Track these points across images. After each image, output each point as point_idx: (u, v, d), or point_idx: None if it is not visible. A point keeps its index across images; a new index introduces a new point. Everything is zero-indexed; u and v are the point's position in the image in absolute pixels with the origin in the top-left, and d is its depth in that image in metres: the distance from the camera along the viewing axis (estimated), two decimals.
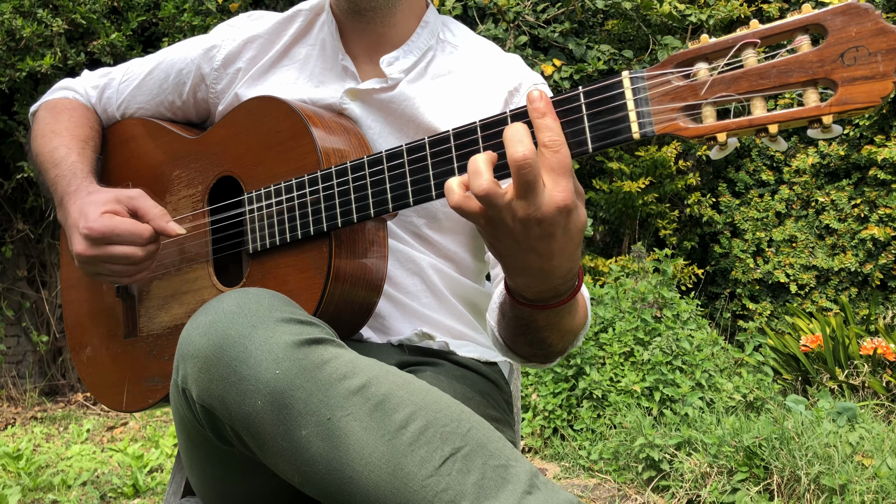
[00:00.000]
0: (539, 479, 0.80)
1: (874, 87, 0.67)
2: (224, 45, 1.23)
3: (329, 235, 0.99)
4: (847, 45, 0.68)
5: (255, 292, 0.86)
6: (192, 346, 0.82)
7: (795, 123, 0.71)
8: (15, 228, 4.37)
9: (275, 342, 0.80)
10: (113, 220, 1.06)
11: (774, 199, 4.87)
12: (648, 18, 4.63)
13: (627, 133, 0.77)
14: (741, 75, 0.72)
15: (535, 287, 0.85)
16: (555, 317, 0.92)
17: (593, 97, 0.78)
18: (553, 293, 0.87)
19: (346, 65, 1.18)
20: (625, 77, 0.77)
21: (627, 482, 2.78)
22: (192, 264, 1.15)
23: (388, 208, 0.94)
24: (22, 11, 3.70)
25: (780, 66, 0.70)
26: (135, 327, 1.22)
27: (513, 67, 1.21)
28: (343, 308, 1.02)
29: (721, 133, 0.73)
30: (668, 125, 0.75)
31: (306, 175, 1.01)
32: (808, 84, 0.70)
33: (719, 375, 3.28)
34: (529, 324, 0.94)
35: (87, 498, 2.69)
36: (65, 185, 1.17)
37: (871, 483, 2.30)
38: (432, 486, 0.76)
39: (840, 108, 0.68)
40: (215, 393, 0.80)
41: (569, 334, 0.99)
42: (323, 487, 0.79)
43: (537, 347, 1.00)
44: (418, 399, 0.81)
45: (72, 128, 1.27)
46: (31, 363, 4.54)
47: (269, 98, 1.08)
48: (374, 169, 0.94)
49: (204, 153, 1.16)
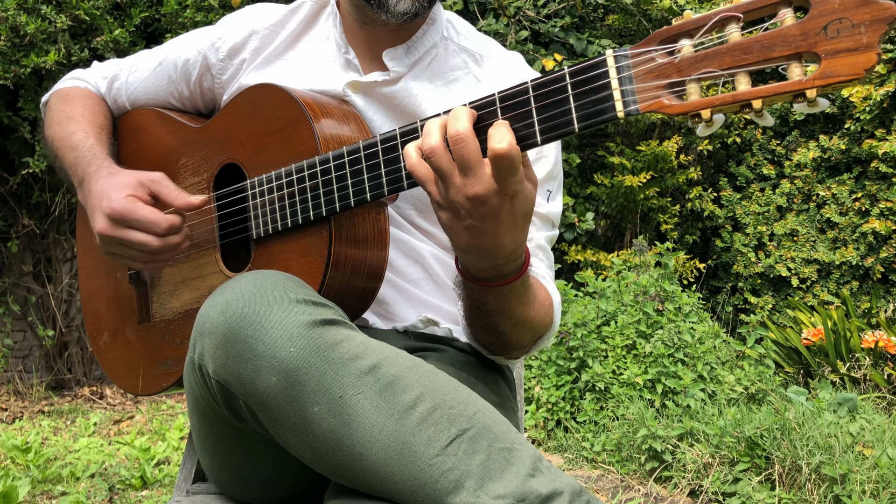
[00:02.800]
0: (542, 464, 0.82)
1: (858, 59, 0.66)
2: (229, 37, 1.25)
3: (329, 220, 1.01)
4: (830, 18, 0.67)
5: (271, 274, 0.89)
6: (210, 323, 0.85)
7: (780, 98, 0.71)
8: (21, 224, 4.39)
9: (290, 321, 0.82)
10: (135, 205, 1.08)
11: (776, 193, 4.88)
12: (649, 13, 4.64)
13: (612, 112, 0.77)
14: (725, 51, 0.71)
15: (478, 264, 0.91)
16: (503, 300, 0.96)
17: (578, 76, 0.79)
18: (496, 272, 0.92)
19: (349, 58, 1.20)
20: (609, 56, 0.77)
21: (630, 473, 2.80)
22: (200, 251, 1.17)
23: (383, 192, 0.95)
24: (26, 8, 3.72)
25: (763, 40, 0.70)
26: (148, 313, 1.24)
27: (515, 65, 1.24)
28: (345, 292, 1.04)
29: (705, 109, 0.73)
30: (653, 103, 0.75)
31: (304, 161, 1.02)
32: (792, 58, 0.69)
33: (721, 368, 3.30)
34: (480, 306, 0.99)
35: (95, 490, 2.72)
36: (85, 165, 1.18)
37: (872, 473, 2.31)
38: (439, 465, 0.78)
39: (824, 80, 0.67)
40: (231, 369, 0.83)
41: (522, 326, 1.02)
42: (332, 464, 0.82)
43: (492, 335, 1.04)
44: (427, 381, 0.83)
45: (87, 114, 1.30)
46: (37, 357, 4.57)
47: (268, 86, 1.10)
48: (370, 152, 0.96)
49: (208, 141, 1.18)
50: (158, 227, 1.07)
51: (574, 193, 4.84)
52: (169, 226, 1.08)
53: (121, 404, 4.25)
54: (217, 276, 1.14)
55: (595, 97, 0.78)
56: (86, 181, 1.17)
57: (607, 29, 4.88)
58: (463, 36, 1.25)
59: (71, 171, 1.22)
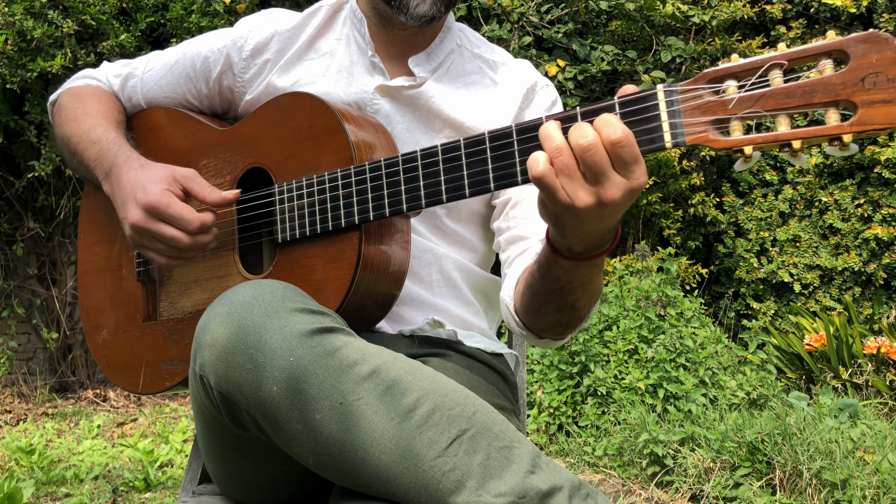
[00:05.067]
0: (542, 460, 0.83)
1: (892, 111, 0.72)
2: (252, 36, 1.27)
3: (360, 228, 1.03)
4: (867, 71, 0.73)
5: (269, 284, 0.90)
6: (210, 335, 0.86)
7: (818, 140, 0.77)
8: (26, 227, 4.42)
9: (288, 331, 0.83)
10: (171, 200, 1.09)
11: (778, 199, 4.89)
12: (652, 19, 4.65)
13: (661, 142, 0.81)
14: (769, 94, 0.77)
15: (588, 240, 0.89)
16: (590, 272, 0.96)
17: (628, 107, 0.83)
18: (601, 241, 0.90)
19: (375, 62, 1.23)
20: (659, 90, 0.82)
21: (632, 477, 2.80)
22: (218, 251, 1.18)
23: (420, 204, 0.99)
24: (33, 13, 3.75)
25: (806, 87, 0.76)
26: (155, 311, 1.25)
27: (526, 69, 1.30)
28: (367, 299, 1.06)
29: (748, 146, 0.78)
30: (699, 136, 0.80)
31: (339, 170, 1.05)
32: (830, 104, 0.75)
33: (723, 373, 3.31)
34: (565, 285, 0.97)
35: (99, 492, 2.74)
36: (112, 157, 1.19)
37: (873, 478, 2.32)
38: (440, 466, 0.79)
39: (861, 127, 0.73)
40: (232, 380, 0.84)
41: (595, 296, 1.03)
42: (336, 468, 0.83)
43: (568, 313, 1.03)
44: (425, 384, 0.84)
45: (103, 110, 1.29)
46: (41, 360, 4.59)
47: (301, 94, 1.12)
48: (409, 166, 0.99)
49: (233, 144, 1.19)
50: (191, 225, 1.08)
51: None
52: (200, 224, 1.09)
53: (124, 407, 4.27)
54: (235, 277, 1.15)
55: (644, 127, 0.82)
56: (114, 172, 1.17)
57: (610, 35, 4.90)
58: (475, 44, 1.31)
59: (95, 164, 1.22)
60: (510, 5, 4.44)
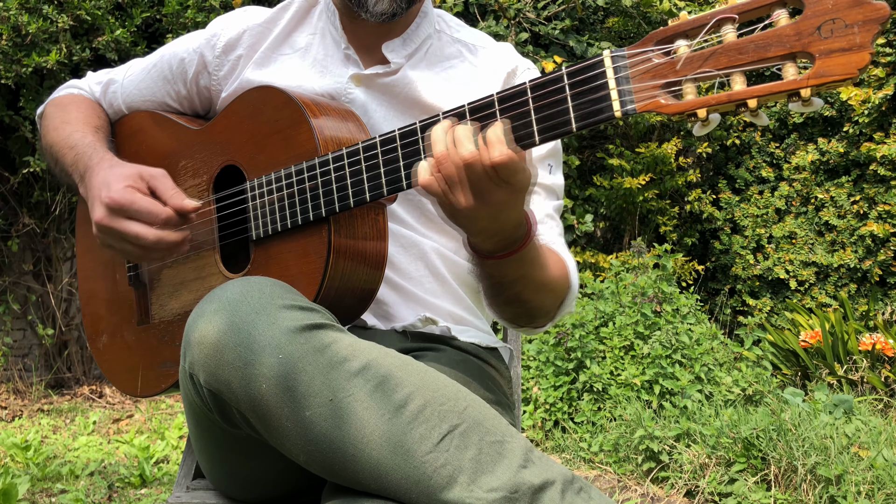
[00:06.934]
0: (534, 454, 0.83)
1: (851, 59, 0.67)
2: (224, 33, 1.27)
3: (328, 220, 1.01)
4: (824, 18, 0.68)
5: (257, 280, 0.89)
6: (199, 332, 0.85)
7: (775, 97, 0.72)
8: (21, 223, 4.40)
9: (277, 328, 0.83)
10: (134, 195, 1.08)
11: (774, 196, 4.89)
12: (649, 15, 4.65)
13: (609, 111, 0.78)
14: (720, 51, 0.72)
15: (493, 239, 0.93)
16: (520, 267, 0.99)
17: (576, 77, 0.80)
18: (508, 242, 0.94)
19: (349, 53, 1.22)
20: (606, 56, 0.78)
21: (627, 473, 2.81)
22: (200, 252, 1.18)
23: (383, 192, 0.97)
24: (27, 7, 3.73)
25: (758, 40, 0.71)
26: (147, 314, 1.25)
27: (507, 52, 1.29)
28: (344, 292, 1.05)
29: (701, 109, 0.74)
30: (649, 102, 0.76)
31: (304, 162, 1.03)
32: (787, 58, 0.70)
33: (718, 369, 3.31)
34: (500, 280, 1.01)
35: (95, 488, 2.73)
36: (86, 160, 1.19)
37: (867, 474, 2.32)
38: (431, 462, 0.79)
39: (818, 80, 0.68)
40: (222, 378, 0.83)
41: (543, 289, 1.05)
42: (327, 465, 0.83)
43: (517, 305, 1.06)
44: (416, 379, 0.84)
45: (82, 117, 1.31)
46: (37, 356, 4.58)
47: (267, 87, 1.11)
48: (369, 154, 0.97)
49: (208, 143, 1.19)
50: (156, 219, 1.07)
51: (573, 195, 4.85)
52: (166, 218, 1.07)
53: (120, 403, 4.26)
54: (217, 276, 1.15)
55: (592, 97, 0.79)
56: (87, 174, 1.17)
57: (607, 31, 4.89)
58: (454, 29, 1.29)
59: (72, 169, 1.22)
60: (507, 1, 4.43)
